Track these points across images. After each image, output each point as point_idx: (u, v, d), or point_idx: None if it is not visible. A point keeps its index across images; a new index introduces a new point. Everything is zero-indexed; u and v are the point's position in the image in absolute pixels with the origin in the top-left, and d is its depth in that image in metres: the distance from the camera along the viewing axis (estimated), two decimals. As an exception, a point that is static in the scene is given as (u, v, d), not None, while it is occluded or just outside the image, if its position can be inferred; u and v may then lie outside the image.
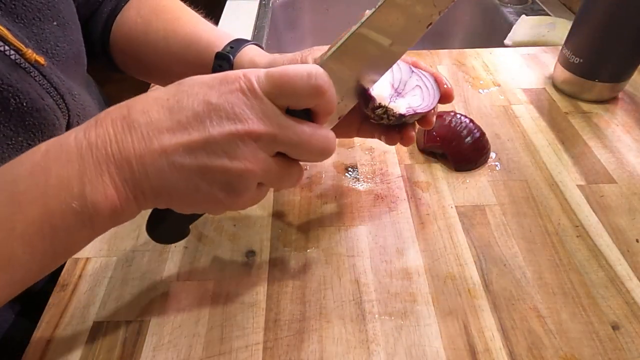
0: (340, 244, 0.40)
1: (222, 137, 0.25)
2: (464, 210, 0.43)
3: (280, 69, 0.26)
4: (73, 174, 0.25)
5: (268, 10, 0.87)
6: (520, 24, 0.76)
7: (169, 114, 0.26)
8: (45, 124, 0.36)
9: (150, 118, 0.26)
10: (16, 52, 0.33)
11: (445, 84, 0.38)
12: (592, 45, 0.53)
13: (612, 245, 0.40)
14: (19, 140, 0.34)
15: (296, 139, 0.27)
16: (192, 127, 0.26)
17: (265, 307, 0.36)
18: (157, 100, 0.27)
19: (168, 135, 0.26)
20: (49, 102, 0.36)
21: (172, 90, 0.27)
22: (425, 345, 0.33)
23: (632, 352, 0.33)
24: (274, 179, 0.29)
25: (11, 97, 0.32)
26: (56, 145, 0.26)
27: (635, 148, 0.50)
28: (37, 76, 0.35)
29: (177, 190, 0.27)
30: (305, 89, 0.26)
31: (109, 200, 0.26)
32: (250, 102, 0.26)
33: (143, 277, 0.38)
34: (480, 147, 0.47)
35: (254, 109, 0.26)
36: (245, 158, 0.26)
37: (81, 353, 0.33)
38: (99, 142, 0.25)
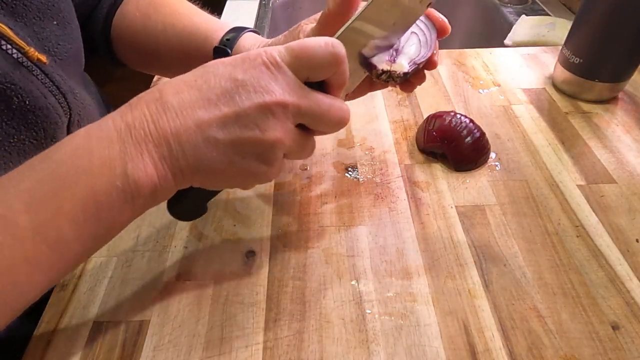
0: (340, 244, 0.40)
1: (252, 109, 0.27)
2: (464, 210, 0.43)
3: (299, 42, 0.28)
4: (115, 154, 0.26)
5: (268, 10, 0.87)
6: (520, 24, 0.76)
7: (199, 93, 0.27)
8: (48, 122, 0.36)
9: (182, 98, 0.27)
10: (18, 51, 0.33)
11: (439, 17, 0.38)
12: (592, 45, 0.53)
13: (612, 245, 0.40)
14: (20, 138, 0.34)
15: (317, 110, 0.29)
16: (223, 103, 0.27)
17: (265, 307, 0.36)
18: (186, 82, 0.28)
19: (201, 111, 0.27)
20: (51, 100, 0.36)
21: (199, 72, 0.28)
22: (425, 345, 0.33)
23: (632, 352, 0.33)
24: (296, 150, 0.30)
25: (14, 95, 0.32)
26: (96, 129, 0.27)
27: (635, 148, 0.50)
28: (40, 75, 0.35)
29: (212, 164, 0.28)
30: (325, 57, 0.28)
31: (149, 177, 0.27)
32: (274, 75, 0.28)
33: (143, 277, 0.38)
34: (480, 147, 0.47)
35: (278, 81, 0.27)
36: (275, 128, 0.28)
37: (81, 353, 0.33)
38: (137, 123, 0.27)
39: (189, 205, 0.36)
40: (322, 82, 0.30)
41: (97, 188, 0.26)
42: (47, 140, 0.37)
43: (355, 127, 0.53)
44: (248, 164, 0.29)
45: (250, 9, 0.86)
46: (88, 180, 0.26)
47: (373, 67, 0.35)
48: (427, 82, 0.61)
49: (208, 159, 0.28)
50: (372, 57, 0.35)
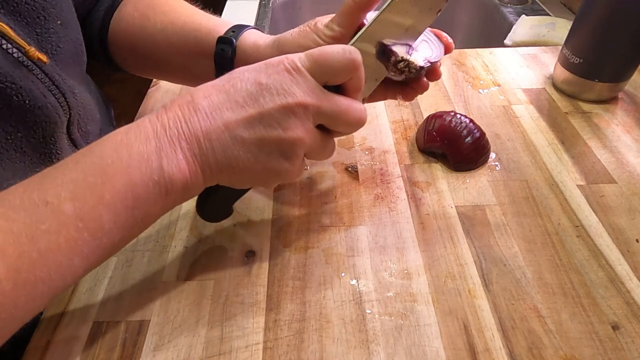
0: (340, 244, 0.40)
1: (275, 110, 0.29)
2: (464, 210, 0.43)
3: (318, 49, 0.31)
4: (152, 150, 0.29)
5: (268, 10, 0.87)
6: (520, 24, 0.76)
7: (227, 96, 0.30)
8: (47, 121, 0.36)
9: (212, 101, 0.30)
10: (19, 50, 0.33)
11: (446, 37, 0.41)
12: (592, 45, 0.53)
13: (612, 245, 0.40)
14: (18, 136, 0.34)
15: (337, 110, 0.31)
16: (248, 105, 0.30)
17: (265, 307, 0.36)
18: (215, 86, 0.31)
19: (228, 113, 0.30)
20: (50, 100, 0.36)
21: (226, 77, 0.31)
22: (425, 345, 0.33)
23: (632, 352, 0.33)
24: (316, 149, 0.33)
25: (14, 94, 0.33)
26: (134, 128, 0.29)
27: (635, 148, 0.50)
28: (40, 74, 0.35)
29: (239, 161, 0.30)
30: (342, 63, 0.30)
31: (182, 173, 0.29)
32: (296, 79, 0.30)
33: (143, 277, 0.38)
34: (480, 147, 0.47)
35: (299, 84, 0.30)
36: (296, 128, 0.30)
37: (81, 353, 0.33)
38: (171, 123, 0.29)
39: (216, 206, 0.38)
40: (339, 86, 0.32)
41: (135, 181, 0.28)
42: (47, 140, 0.37)
43: (355, 127, 0.53)
44: (272, 161, 0.31)
45: (250, 9, 0.86)
46: (127, 174, 0.28)
47: (392, 54, 0.36)
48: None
49: (235, 157, 0.30)
50: (392, 45, 0.36)
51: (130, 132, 0.29)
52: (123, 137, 0.29)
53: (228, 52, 0.42)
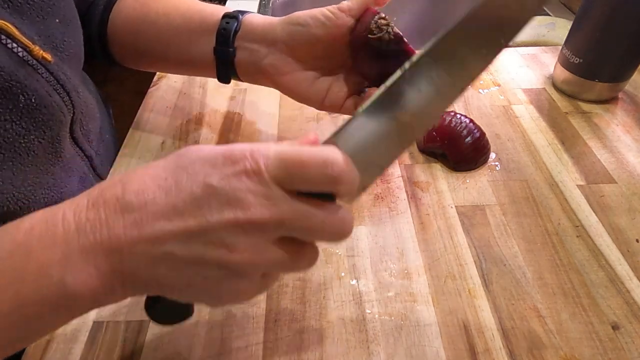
0: (340, 244, 0.40)
1: (220, 225, 0.23)
2: (464, 210, 0.43)
3: (293, 152, 0.24)
4: (55, 259, 0.23)
5: (268, 10, 0.87)
6: (520, 24, 0.76)
7: (165, 197, 0.23)
8: (53, 120, 0.36)
9: (145, 200, 0.23)
10: (24, 49, 0.33)
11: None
12: (592, 45, 0.53)
13: (612, 245, 0.40)
14: (30, 138, 0.34)
15: (307, 224, 0.24)
16: (189, 213, 0.23)
17: (265, 307, 0.36)
18: (154, 179, 0.24)
19: (162, 221, 0.23)
20: (56, 98, 0.36)
21: (170, 166, 0.24)
22: (425, 345, 0.33)
23: (632, 352, 0.33)
24: (282, 266, 0.26)
25: (20, 93, 0.32)
26: (42, 223, 0.24)
27: (635, 148, 0.50)
28: (44, 73, 0.35)
29: (167, 281, 0.24)
30: (320, 178, 0.24)
31: (90, 289, 0.23)
32: (255, 187, 0.23)
33: (143, 277, 0.38)
34: (480, 147, 0.47)
35: (257, 195, 0.23)
36: (245, 250, 0.23)
37: (81, 353, 0.33)
38: (88, 227, 0.23)
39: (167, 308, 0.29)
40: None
41: (26, 297, 0.23)
42: (54, 139, 0.37)
43: (355, 127, 0.53)
44: (210, 285, 0.25)
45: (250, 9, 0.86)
46: (16, 289, 0.23)
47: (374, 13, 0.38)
48: (427, 82, 0.61)
49: (163, 275, 0.24)
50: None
51: (34, 229, 0.24)
52: (24, 238, 0.23)
53: (233, 26, 0.41)
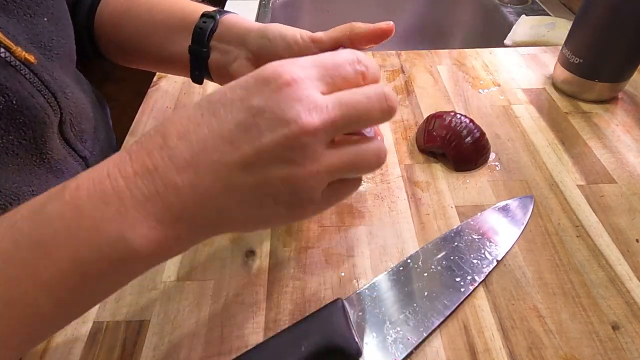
0: (340, 244, 0.40)
1: (274, 143, 0.22)
2: (464, 210, 0.43)
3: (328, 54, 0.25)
4: (109, 216, 0.22)
5: (268, 10, 0.87)
6: (520, 24, 0.76)
7: (209, 132, 0.23)
8: (36, 122, 0.35)
9: (190, 141, 0.23)
10: (6, 50, 0.32)
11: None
12: (592, 45, 0.53)
13: (612, 245, 0.40)
14: (9, 138, 0.34)
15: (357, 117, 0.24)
16: (240, 140, 0.22)
17: (265, 307, 0.36)
18: (191, 118, 0.23)
19: (216, 154, 0.22)
20: (39, 100, 0.35)
21: (203, 104, 0.24)
22: (425, 346, 0.33)
23: (632, 352, 0.33)
24: (349, 168, 0.25)
25: (0, 95, 0.32)
26: (88, 182, 0.22)
27: (635, 148, 0.50)
28: (28, 74, 0.34)
29: (239, 213, 0.24)
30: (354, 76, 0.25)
31: (155, 243, 0.22)
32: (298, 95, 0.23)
33: (143, 277, 0.38)
34: (480, 147, 0.47)
35: (303, 102, 0.23)
36: (305, 160, 0.23)
37: (81, 353, 0.33)
38: (139, 180, 0.22)
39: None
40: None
41: (84, 256, 0.22)
42: (37, 141, 0.36)
43: (355, 127, 0.53)
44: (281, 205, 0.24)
45: (250, 9, 0.86)
46: (74, 246, 0.22)
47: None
48: (427, 82, 0.61)
49: (233, 208, 0.23)
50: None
51: (82, 188, 0.22)
52: (73, 196, 0.22)
53: (209, 25, 0.41)
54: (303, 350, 0.29)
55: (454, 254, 0.38)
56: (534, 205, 0.43)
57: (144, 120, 0.55)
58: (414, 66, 0.64)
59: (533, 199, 0.44)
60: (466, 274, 0.37)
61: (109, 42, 0.49)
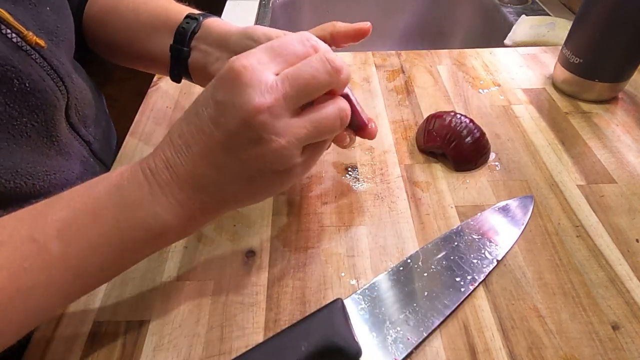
0: (340, 244, 0.40)
1: (239, 128, 0.26)
2: (464, 210, 0.43)
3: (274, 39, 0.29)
4: (143, 195, 0.28)
5: (268, 10, 0.87)
6: (520, 24, 0.76)
7: (195, 128, 0.28)
8: (47, 104, 0.37)
9: (184, 137, 0.28)
10: (17, 35, 0.33)
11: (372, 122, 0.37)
12: (592, 45, 0.53)
13: (612, 245, 0.40)
14: (23, 121, 0.35)
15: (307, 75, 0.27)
16: (214, 130, 0.27)
17: (265, 307, 0.36)
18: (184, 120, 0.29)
19: (201, 145, 0.28)
20: (49, 83, 0.36)
21: (192, 105, 0.29)
22: (425, 346, 0.33)
23: (632, 352, 0.33)
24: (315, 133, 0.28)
25: (14, 77, 0.33)
26: (127, 171, 0.29)
27: (635, 148, 0.50)
28: (38, 58, 0.35)
29: (236, 188, 0.29)
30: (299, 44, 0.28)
31: (177, 217, 0.28)
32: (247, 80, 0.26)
33: (143, 277, 0.38)
34: (480, 147, 0.47)
35: (252, 85, 0.26)
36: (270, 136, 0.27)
37: (81, 353, 0.33)
38: (159, 169, 0.28)
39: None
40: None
41: (125, 226, 0.27)
42: (48, 123, 0.37)
43: (355, 127, 0.53)
44: (267, 175, 0.29)
45: (250, 9, 0.86)
46: (117, 219, 0.27)
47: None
48: (427, 82, 0.61)
49: (228, 184, 0.29)
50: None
51: (123, 175, 0.29)
52: (117, 180, 0.28)
53: (192, 26, 0.42)
54: (303, 350, 0.29)
55: (454, 254, 0.38)
56: (534, 205, 0.43)
57: (143, 120, 0.55)
58: (414, 66, 0.64)
59: (533, 199, 0.44)
60: (466, 274, 0.37)
61: (96, 37, 0.50)
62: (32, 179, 0.37)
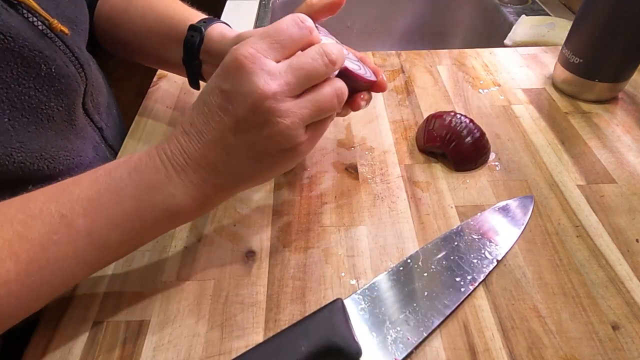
0: (340, 244, 0.40)
1: (247, 113, 0.29)
2: (464, 210, 0.43)
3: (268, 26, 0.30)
4: (161, 179, 0.30)
5: (268, 10, 0.87)
6: (520, 24, 0.76)
7: (204, 117, 0.30)
8: (70, 89, 0.38)
9: (195, 125, 0.30)
10: (43, 23, 0.35)
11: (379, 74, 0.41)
12: (592, 45, 0.53)
13: (612, 245, 0.40)
14: (50, 105, 0.37)
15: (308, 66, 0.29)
16: (223, 116, 0.29)
17: (265, 307, 0.36)
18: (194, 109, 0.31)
19: (213, 132, 0.30)
20: (72, 70, 0.38)
21: (200, 95, 0.31)
22: (425, 346, 0.33)
23: (632, 352, 0.33)
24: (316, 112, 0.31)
25: (42, 62, 0.35)
26: (145, 156, 0.31)
27: (635, 148, 0.50)
28: (61, 45, 0.37)
29: (245, 168, 0.31)
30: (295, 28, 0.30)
31: (192, 199, 0.31)
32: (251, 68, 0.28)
33: (143, 277, 0.38)
34: (480, 147, 0.47)
35: (257, 73, 0.28)
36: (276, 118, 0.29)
37: (81, 353, 0.33)
38: (175, 155, 0.30)
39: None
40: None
41: (145, 206, 0.30)
42: (70, 109, 0.39)
43: (355, 127, 0.53)
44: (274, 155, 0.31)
45: (250, 9, 0.86)
46: (137, 199, 0.30)
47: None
48: (427, 82, 0.61)
49: (240, 167, 0.31)
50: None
51: (142, 159, 0.31)
52: (136, 163, 0.31)
53: (197, 39, 0.44)
54: (303, 350, 0.29)
55: (454, 254, 0.38)
56: (534, 205, 0.43)
57: (143, 120, 0.55)
58: (414, 66, 0.64)
59: (533, 199, 0.44)
60: (466, 274, 0.37)
61: (108, 36, 0.52)
62: (54, 162, 0.38)
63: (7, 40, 0.32)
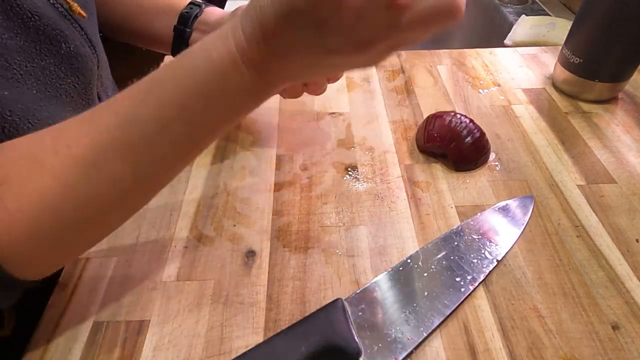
0: (340, 244, 0.40)
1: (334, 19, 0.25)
2: (464, 210, 0.43)
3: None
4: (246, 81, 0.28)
5: (268, 10, 0.87)
6: (520, 24, 0.76)
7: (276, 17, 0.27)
8: (86, 69, 0.40)
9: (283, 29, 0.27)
10: (61, 5, 0.37)
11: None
12: (592, 45, 0.53)
13: (612, 245, 0.40)
14: (68, 82, 0.38)
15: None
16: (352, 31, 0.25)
17: (265, 307, 0.36)
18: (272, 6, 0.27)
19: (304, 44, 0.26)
20: (87, 50, 0.40)
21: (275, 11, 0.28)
22: (425, 345, 0.33)
23: (632, 352, 0.33)
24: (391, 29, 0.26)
25: (62, 41, 0.37)
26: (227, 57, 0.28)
27: (635, 148, 0.50)
28: (77, 27, 0.39)
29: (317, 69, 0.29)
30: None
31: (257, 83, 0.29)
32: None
33: (143, 277, 0.38)
34: (480, 147, 0.47)
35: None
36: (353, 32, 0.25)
37: (81, 353, 0.33)
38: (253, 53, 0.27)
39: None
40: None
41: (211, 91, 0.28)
42: (86, 86, 0.41)
43: (355, 127, 0.53)
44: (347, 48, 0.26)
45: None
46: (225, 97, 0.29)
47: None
48: (427, 82, 0.61)
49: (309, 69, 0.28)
50: None
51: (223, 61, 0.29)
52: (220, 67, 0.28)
53: (195, 11, 0.47)
54: (303, 351, 0.29)
55: (454, 254, 0.38)
56: (534, 205, 0.43)
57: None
58: (414, 66, 0.64)
59: (533, 199, 0.44)
60: (466, 274, 0.37)
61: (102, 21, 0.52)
62: None
63: (34, 18, 0.34)
